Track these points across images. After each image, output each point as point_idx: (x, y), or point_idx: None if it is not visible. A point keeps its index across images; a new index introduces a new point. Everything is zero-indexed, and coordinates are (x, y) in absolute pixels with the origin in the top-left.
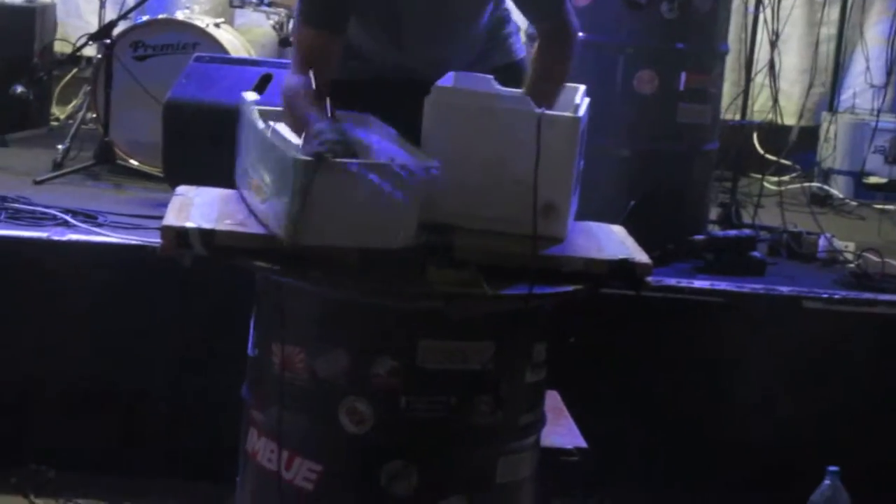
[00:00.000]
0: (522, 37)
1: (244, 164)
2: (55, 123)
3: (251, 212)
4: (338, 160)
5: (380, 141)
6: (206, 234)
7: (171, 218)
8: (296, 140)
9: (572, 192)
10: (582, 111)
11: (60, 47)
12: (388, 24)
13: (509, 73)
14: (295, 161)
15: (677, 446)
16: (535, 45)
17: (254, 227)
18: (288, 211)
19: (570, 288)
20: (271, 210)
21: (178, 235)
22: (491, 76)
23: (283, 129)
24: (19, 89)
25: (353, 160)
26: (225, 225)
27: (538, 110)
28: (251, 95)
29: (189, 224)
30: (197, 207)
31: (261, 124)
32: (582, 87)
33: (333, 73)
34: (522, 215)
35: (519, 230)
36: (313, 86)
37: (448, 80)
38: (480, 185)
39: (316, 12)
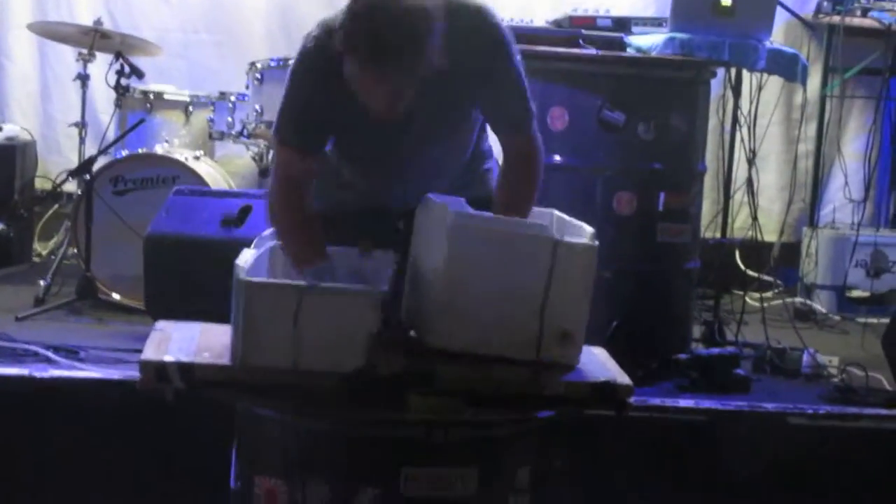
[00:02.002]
0: None
1: None
2: (37, 259)
3: None
4: (274, 282)
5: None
6: (184, 368)
7: (150, 353)
8: (246, 268)
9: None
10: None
11: (41, 184)
12: (373, 160)
13: (483, 206)
14: (238, 282)
15: None
16: (501, 164)
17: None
18: (235, 334)
19: (552, 412)
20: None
21: (157, 370)
22: (463, 199)
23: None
24: (0, 227)
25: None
26: (203, 358)
27: (556, 237)
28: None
29: (167, 358)
30: (175, 342)
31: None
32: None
33: (310, 185)
34: (534, 342)
35: (530, 356)
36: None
37: (430, 200)
38: (495, 311)
39: (290, 133)
